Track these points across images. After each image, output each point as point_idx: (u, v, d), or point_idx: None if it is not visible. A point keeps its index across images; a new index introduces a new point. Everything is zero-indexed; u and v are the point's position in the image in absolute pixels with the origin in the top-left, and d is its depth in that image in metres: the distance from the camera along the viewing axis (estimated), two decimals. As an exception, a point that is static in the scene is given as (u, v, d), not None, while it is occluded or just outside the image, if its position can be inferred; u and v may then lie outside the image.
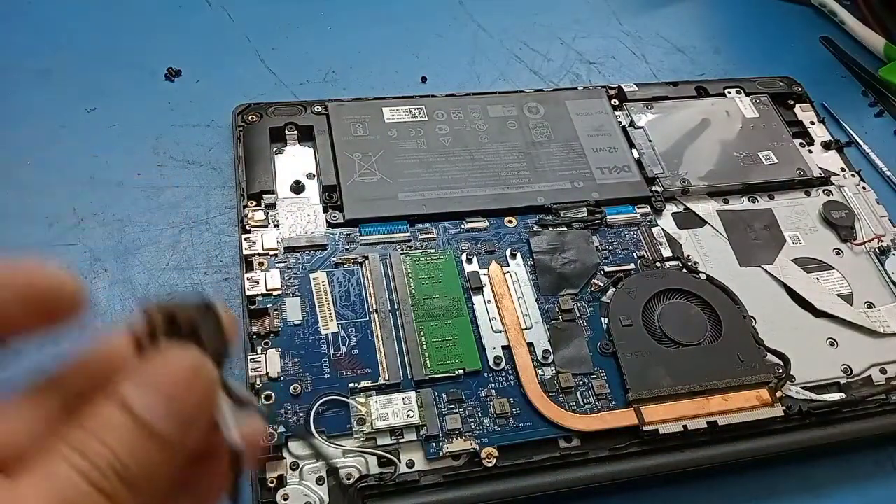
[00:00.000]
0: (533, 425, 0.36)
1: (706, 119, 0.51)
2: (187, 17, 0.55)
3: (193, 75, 0.51)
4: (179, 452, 0.15)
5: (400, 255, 0.41)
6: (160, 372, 0.15)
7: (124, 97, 0.49)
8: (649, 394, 0.37)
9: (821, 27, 0.64)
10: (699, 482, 0.38)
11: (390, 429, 0.35)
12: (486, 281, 0.41)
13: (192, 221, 0.44)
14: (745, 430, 0.37)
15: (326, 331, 0.38)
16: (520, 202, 0.44)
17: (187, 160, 0.46)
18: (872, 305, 0.43)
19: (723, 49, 0.60)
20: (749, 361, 0.39)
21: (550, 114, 0.49)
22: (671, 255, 0.44)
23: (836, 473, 0.39)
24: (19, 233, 0.42)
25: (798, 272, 0.44)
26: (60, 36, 0.51)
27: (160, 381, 0.14)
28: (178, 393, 0.14)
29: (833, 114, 0.56)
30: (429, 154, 0.46)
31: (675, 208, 0.46)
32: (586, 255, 0.43)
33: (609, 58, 0.58)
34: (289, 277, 0.39)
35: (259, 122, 0.46)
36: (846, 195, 0.49)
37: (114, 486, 0.13)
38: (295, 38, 0.55)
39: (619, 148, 0.48)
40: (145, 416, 0.14)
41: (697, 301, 0.41)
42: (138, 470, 0.14)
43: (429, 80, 0.54)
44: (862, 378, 0.41)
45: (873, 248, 0.46)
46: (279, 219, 0.42)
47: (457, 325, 0.39)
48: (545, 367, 0.38)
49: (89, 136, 0.46)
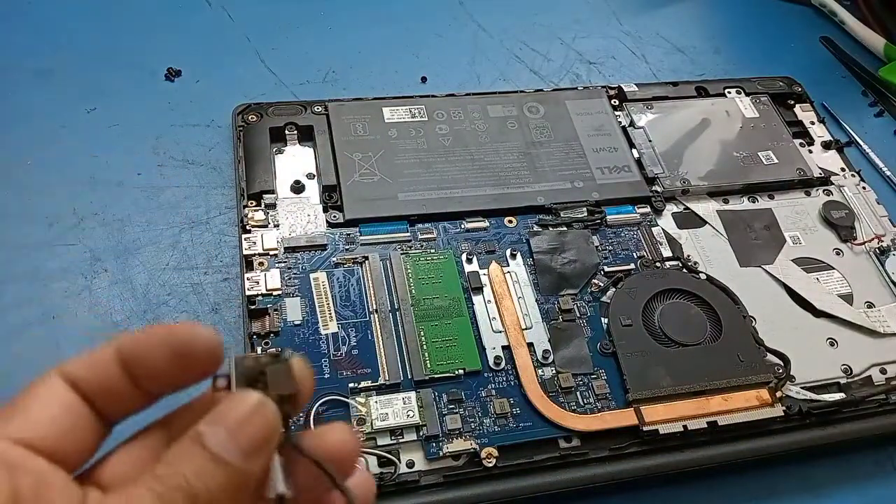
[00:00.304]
0: (533, 425, 0.36)
1: (706, 119, 0.51)
2: (187, 17, 0.55)
3: (193, 75, 0.51)
4: (243, 478, 0.17)
5: (400, 255, 0.41)
6: (227, 410, 0.18)
7: (124, 97, 0.49)
8: (649, 394, 0.37)
9: (821, 27, 0.64)
10: (699, 482, 0.38)
11: (390, 429, 0.35)
12: (486, 281, 0.41)
13: (192, 221, 0.44)
14: (745, 430, 0.37)
15: (326, 331, 0.38)
16: (520, 202, 0.44)
17: (187, 160, 0.46)
18: (872, 305, 0.43)
19: (723, 49, 0.60)
20: (749, 361, 0.39)
21: (550, 114, 0.49)
22: (671, 255, 0.44)
23: (836, 473, 0.39)
24: (19, 233, 0.42)
25: (798, 272, 0.44)
26: (60, 36, 0.51)
27: (226, 417, 0.18)
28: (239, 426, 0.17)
29: (833, 114, 0.56)
30: (429, 154, 0.46)
31: (675, 208, 0.46)
32: (586, 255, 0.43)
33: (609, 58, 0.58)
34: (289, 277, 0.39)
35: (259, 122, 0.46)
36: (846, 195, 0.49)
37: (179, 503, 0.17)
38: (295, 38, 0.55)
39: (619, 148, 0.48)
40: (212, 446, 0.17)
41: (697, 301, 0.41)
42: (205, 492, 0.17)
43: (429, 80, 0.54)
44: (862, 378, 0.41)
45: (873, 248, 0.46)
46: (279, 219, 0.42)
47: (457, 325, 0.39)
48: (545, 367, 0.38)
49: (89, 136, 0.46)
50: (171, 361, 0.19)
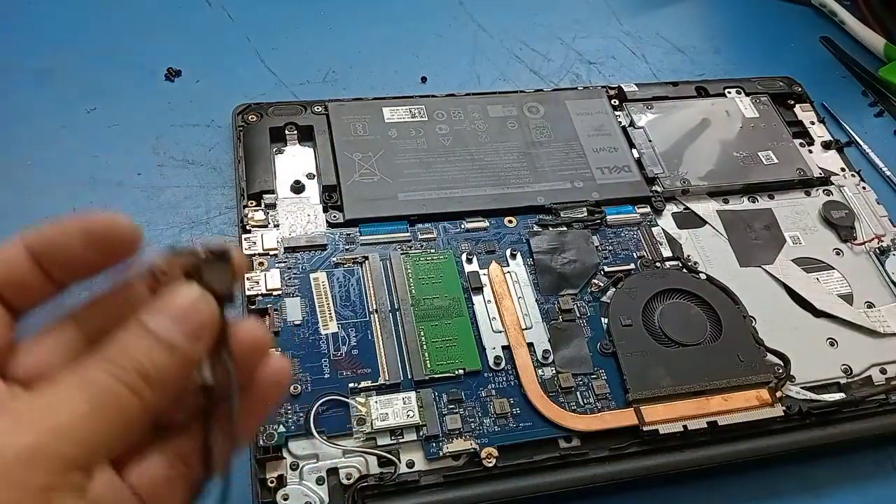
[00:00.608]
0: (533, 425, 0.36)
1: (706, 119, 0.51)
2: (187, 17, 0.55)
3: (193, 75, 0.51)
4: (188, 361, 0.19)
5: (400, 255, 0.41)
6: (169, 302, 0.19)
7: (124, 97, 0.49)
8: (649, 394, 0.37)
9: (821, 27, 0.64)
10: (699, 482, 0.38)
11: (390, 429, 0.35)
12: (486, 281, 0.41)
13: (192, 221, 0.44)
14: (745, 430, 0.37)
15: (326, 331, 0.38)
16: (520, 202, 0.44)
17: (187, 160, 0.46)
18: (872, 305, 0.43)
19: (723, 49, 0.60)
20: (749, 361, 0.39)
21: (550, 114, 0.49)
22: (671, 255, 0.44)
23: (836, 473, 0.39)
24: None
25: (798, 272, 0.44)
26: (60, 36, 0.51)
27: (170, 307, 0.19)
28: (184, 315, 0.18)
29: (833, 114, 0.56)
30: (429, 154, 0.46)
31: (675, 208, 0.46)
32: (586, 255, 0.43)
33: (609, 58, 0.58)
34: (289, 277, 0.39)
35: (259, 122, 0.46)
36: (846, 195, 0.49)
37: (137, 383, 0.18)
38: (295, 38, 0.55)
39: (619, 148, 0.48)
40: (160, 332, 0.18)
41: (697, 301, 0.41)
42: (156, 373, 0.18)
43: (429, 80, 0.54)
44: (862, 378, 0.41)
45: (873, 248, 0.46)
46: (279, 219, 0.42)
47: (457, 325, 0.39)
48: (545, 367, 0.38)
49: (89, 136, 0.46)
50: (88, 250, 0.19)
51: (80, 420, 0.17)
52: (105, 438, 0.17)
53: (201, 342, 0.19)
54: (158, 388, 0.18)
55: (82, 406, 0.17)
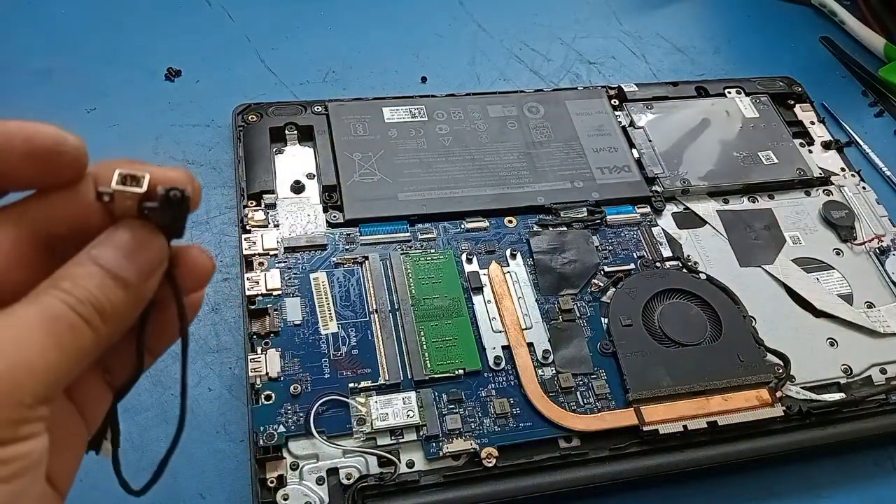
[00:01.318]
0: (533, 425, 0.36)
1: (706, 119, 0.51)
2: (187, 17, 0.55)
3: (193, 75, 0.51)
4: (139, 295, 0.19)
5: (400, 255, 0.41)
6: (121, 238, 0.19)
7: (124, 97, 0.49)
8: (649, 394, 0.37)
9: (821, 27, 0.64)
10: (699, 482, 0.38)
11: (390, 429, 0.35)
12: (486, 281, 0.41)
13: (192, 221, 0.44)
14: (744, 430, 0.37)
15: (326, 331, 0.38)
16: (520, 202, 0.44)
17: (187, 160, 0.46)
18: (872, 305, 0.43)
19: (723, 49, 0.60)
20: (749, 361, 0.39)
21: (550, 114, 0.49)
22: (671, 255, 0.44)
23: (836, 473, 0.39)
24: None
25: (798, 272, 0.44)
26: (60, 36, 0.51)
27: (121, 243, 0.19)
28: (134, 251, 0.19)
29: (833, 114, 0.56)
30: (429, 154, 0.46)
31: (675, 208, 0.46)
32: (586, 255, 0.43)
33: (609, 58, 0.58)
34: (289, 277, 0.39)
35: (259, 122, 0.46)
36: (846, 195, 0.49)
37: (91, 314, 0.18)
38: (295, 38, 0.55)
39: (619, 148, 0.48)
40: (112, 267, 0.18)
41: (697, 301, 0.41)
42: (109, 305, 0.18)
43: (429, 80, 0.54)
44: (862, 378, 0.41)
45: (873, 248, 0.46)
46: (279, 219, 0.42)
47: (457, 325, 0.39)
48: (545, 367, 0.38)
49: (89, 136, 0.45)
50: (26, 163, 0.18)
51: (41, 352, 0.17)
52: (66, 369, 0.17)
53: (153, 279, 0.19)
54: (111, 322, 0.18)
55: (43, 338, 0.17)
